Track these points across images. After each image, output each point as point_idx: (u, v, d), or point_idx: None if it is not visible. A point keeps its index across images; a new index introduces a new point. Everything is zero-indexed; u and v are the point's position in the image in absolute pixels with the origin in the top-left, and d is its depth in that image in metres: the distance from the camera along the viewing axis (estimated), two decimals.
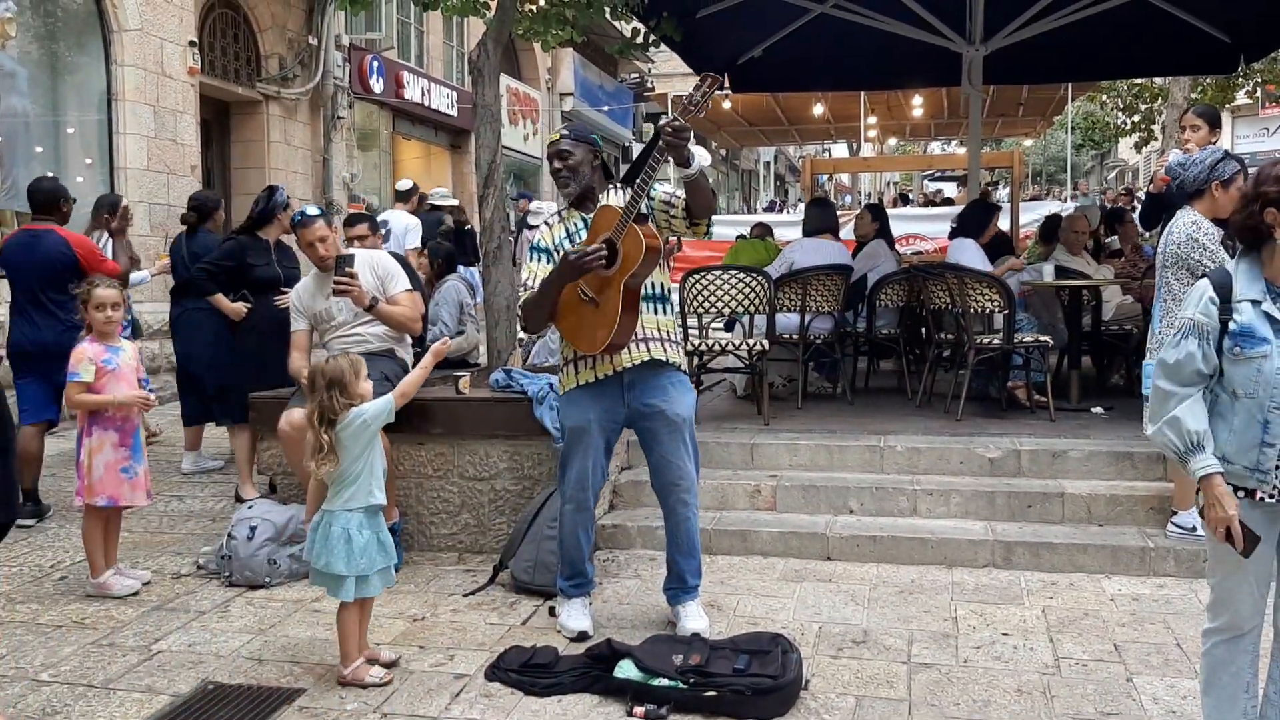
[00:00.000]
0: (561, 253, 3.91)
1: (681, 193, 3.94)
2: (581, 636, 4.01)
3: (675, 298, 4.19)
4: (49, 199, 5.85)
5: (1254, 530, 2.59)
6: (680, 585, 4.11)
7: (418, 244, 9.01)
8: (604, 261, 3.75)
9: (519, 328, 4.18)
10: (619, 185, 4.13)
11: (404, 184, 10.56)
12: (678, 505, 4.04)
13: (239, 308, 5.96)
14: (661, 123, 3.72)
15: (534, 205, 14.36)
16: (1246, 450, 2.62)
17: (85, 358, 4.48)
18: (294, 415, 4.79)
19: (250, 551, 4.65)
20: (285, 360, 5.91)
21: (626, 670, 3.49)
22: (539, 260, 4.04)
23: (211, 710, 3.43)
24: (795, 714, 3.36)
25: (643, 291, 3.91)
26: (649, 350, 3.93)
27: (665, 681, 3.41)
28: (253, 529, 4.70)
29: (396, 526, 4.97)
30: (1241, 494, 2.63)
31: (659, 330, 3.97)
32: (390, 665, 3.73)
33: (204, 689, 3.59)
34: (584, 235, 3.97)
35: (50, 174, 6.49)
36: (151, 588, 4.65)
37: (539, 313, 3.98)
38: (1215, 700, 2.80)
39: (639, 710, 3.36)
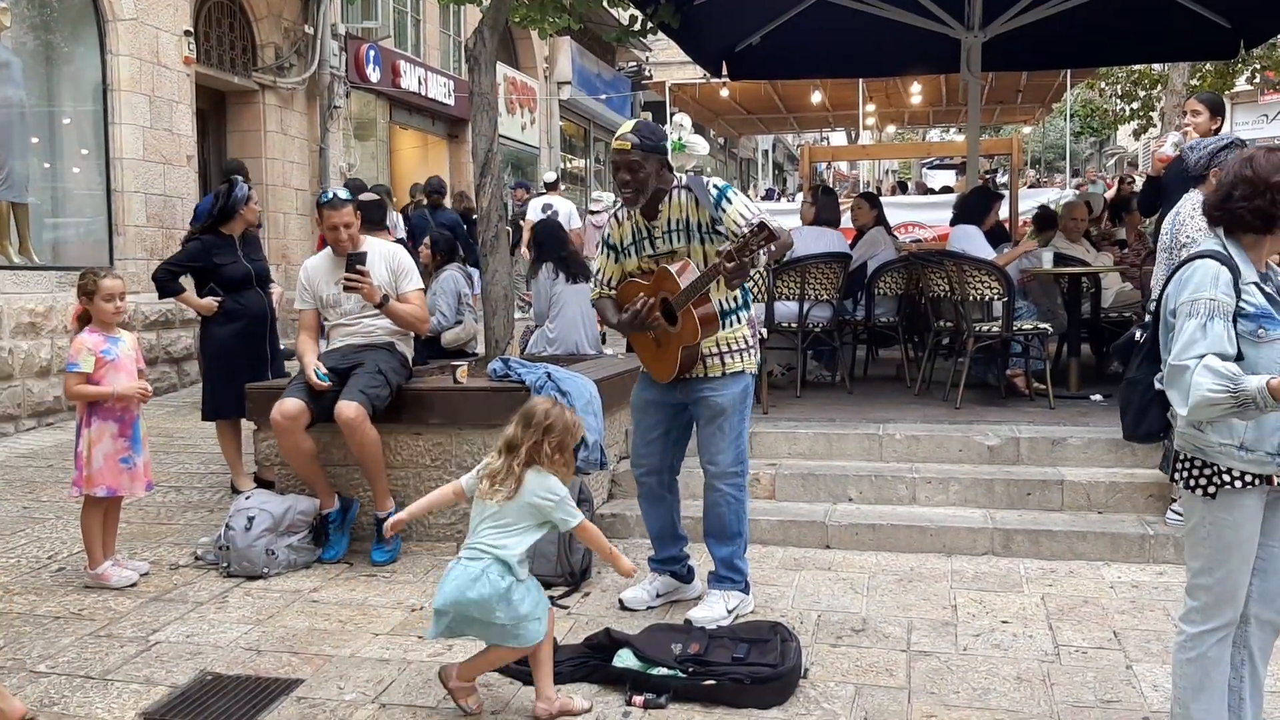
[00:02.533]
0: (624, 263, 4.16)
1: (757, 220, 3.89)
2: (622, 606, 4.22)
3: (746, 298, 4.15)
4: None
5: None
6: (714, 573, 4.17)
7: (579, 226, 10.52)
8: (662, 309, 3.94)
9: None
10: (683, 187, 4.03)
11: (549, 175, 13.61)
12: (708, 490, 4.14)
13: (209, 303, 5.88)
14: (721, 256, 3.71)
15: (595, 195, 16.28)
16: (1270, 435, 2.55)
17: (85, 348, 4.44)
18: (286, 405, 4.77)
19: (248, 542, 4.64)
20: (262, 354, 5.90)
21: (625, 659, 3.49)
22: (605, 254, 4.21)
23: (209, 701, 3.42)
24: (794, 702, 3.35)
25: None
26: (705, 368, 4.04)
27: (664, 670, 3.41)
28: (250, 519, 4.68)
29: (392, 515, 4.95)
30: (1258, 482, 2.60)
31: (718, 345, 4.03)
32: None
33: (202, 680, 3.58)
34: (645, 241, 4.07)
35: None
36: (149, 579, 4.64)
37: (613, 327, 4.26)
38: (1207, 704, 2.69)
39: (638, 699, 3.36)
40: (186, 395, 8.95)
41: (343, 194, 5.15)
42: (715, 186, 3.98)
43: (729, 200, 3.92)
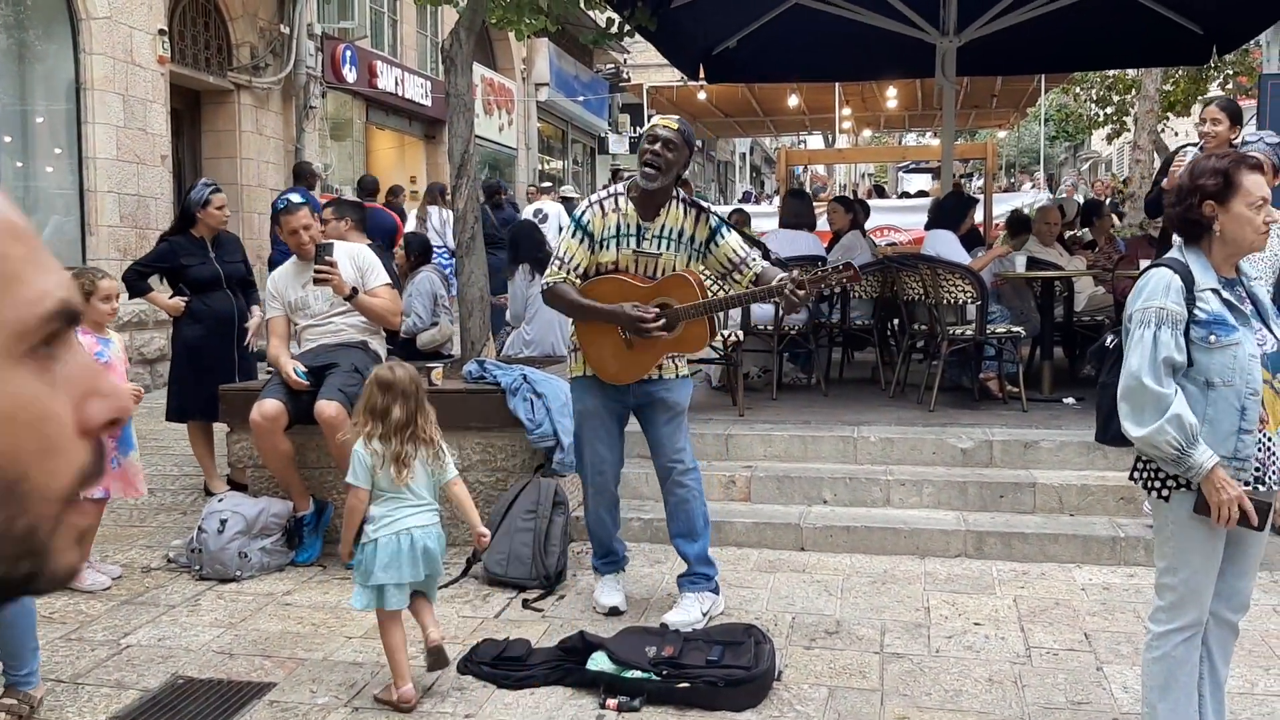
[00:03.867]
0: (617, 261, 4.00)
1: (755, 261, 4.02)
2: (613, 612, 4.13)
3: None
4: None
5: (1259, 500, 2.62)
6: (688, 574, 4.16)
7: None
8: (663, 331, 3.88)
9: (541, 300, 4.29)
10: (685, 200, 4.09)
11: (546, 183, 14.31)
12: (675, 486, 4.11)
13: (176, 303, 5.86)
14: (789, 280, 3.79)
15: (565, 187, 16.59)
16: (1224, 439, 2.61)
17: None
18: (266, 405, 4.75)
19: (220, 545, 4.62)
20: (229, 356, 5.86)
21: (599, 662, 3.49)
22: (578, 239, 3.99)
23: (181, 705, 3.40)
24: (768, 705, 3.37)
25: None
26: (659, 370, 4.06)
27: (638, 673, 3.41)
28: (223, 522, 4.66)
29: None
30: None
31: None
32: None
33: (174, 683, 3.56)
34: (631, 238, 4.00)
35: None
36: (121, 582, 4.61)
37: (567, 312, 4.09)
38: (1173, 703, 2.73)
39: (611, 702, 3.36)
40: (159, 396, 8.87)
41: (295, 198, 5.22)
42: (717, 216, 4.14)
43: (729, 230, 4.10)
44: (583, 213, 4.05)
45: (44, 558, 0.63)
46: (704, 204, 4.19)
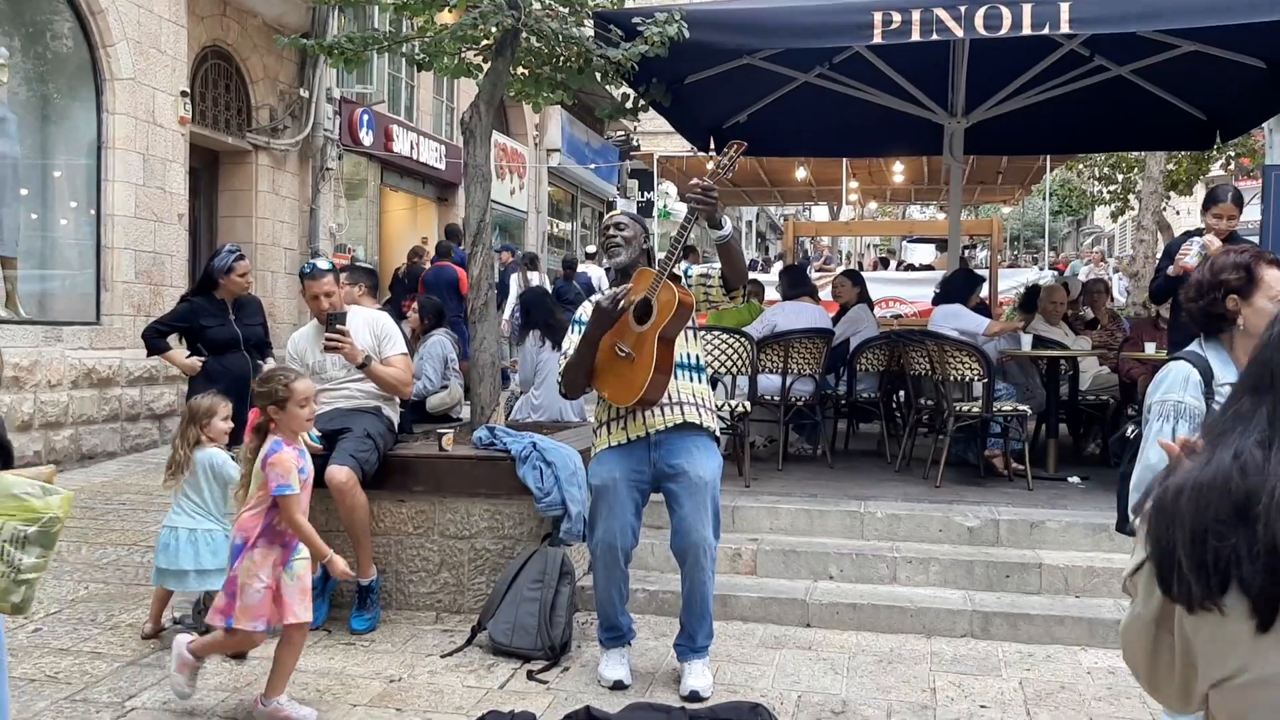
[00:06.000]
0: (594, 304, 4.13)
1: (717, 265, 4.18)
2: (618, 686, 4.12)
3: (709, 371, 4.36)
4: None
5: None
6: (689, 644, 4.19)
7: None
8: (636, 310, 3.97)
9: (559, 393, 4.34)
10: (657, 261, 4.24)
11: (590, 248, 14.21)
12: (694, 569, 4.12)
13: (193, 363, 5.96)
14: (692, 183, 3.90)
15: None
16: None
17: (293, 467, 3.77)
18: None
19: None
20: (244, 417, 5.89)
21: None
22: (580, 333, 4.18)
23: None
24: None
25: (677, 358, 4.06)
26: (683, 414, 4.07)
27: None
28: None
29: (374, 584, 4.95)
30: None
31: (694, 396, 4.12)
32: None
33: None
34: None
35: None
36: (126, 642, 4.60)
37: (578, 373, 4.14)
38: None
39: None
40: (168, 451, 8.90)
41: (322, 264, 5.34)
42: (685, 264, 4.36)
43: (692, 266, 4.38)
44: (580, 313, 4.32)
45: None
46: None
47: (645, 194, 24.80)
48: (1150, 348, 6.75)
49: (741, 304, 4.51)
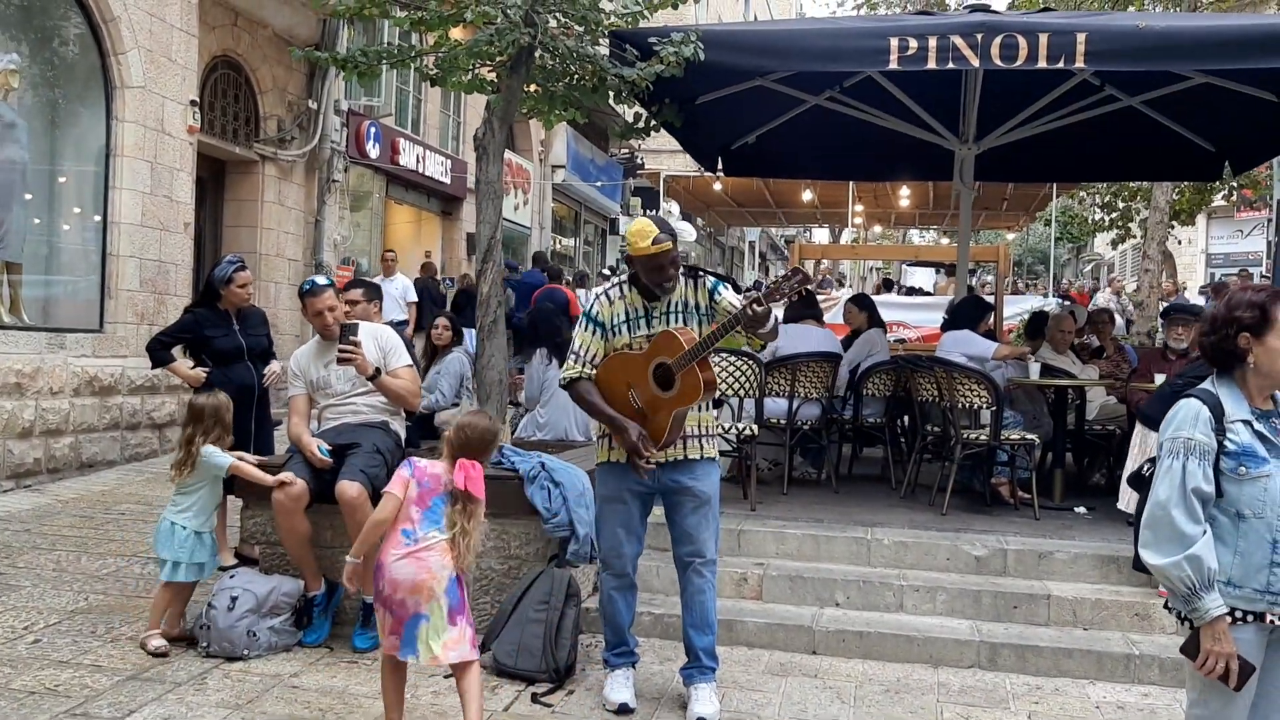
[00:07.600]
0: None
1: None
2: (623, 709, 4.10)
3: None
4: None
5: (1249, 660, 2.60)
6: (695, 665, 4.16)
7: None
8: (656, 372, 3.99)
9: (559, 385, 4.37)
10: (685, 274, 4.20)
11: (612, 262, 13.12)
12: (694, 576, 4.15)
13: (197, 374, 5.94)
14: (748, 299, 3.90)
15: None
16: (1256, 572, 2.62)
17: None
18: (293, 487, 4.77)
19: (230, 622, 4.57)
20: (245, 428, 5.88)
21: None
22: (592, 332, 4.17)
23: None
24: None
25: None
26: (684, 449, 4.13)
27: None
28: (234, 599, 4.62)
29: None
30: (1250, 618, 2.64)
31: (698, 427, 4.16)
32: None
33: None
34: (641, 320, 4.14)
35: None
36: (126, 655, 4.55)
37: (584, 410, 4.21)
38: None
39: None
40: (168, 462, 8.85)
41: (321, 280, 5.33)
42: (713, 276, 4.26)
43: (725, 286, 4.22)
44: (591, 306, 4.25)
45: None
46: (698, 269, 4.30)
47: (648, 212, 24.84)
48: (1159, 379, 6.72)
49: (759, 350, 4.49)
